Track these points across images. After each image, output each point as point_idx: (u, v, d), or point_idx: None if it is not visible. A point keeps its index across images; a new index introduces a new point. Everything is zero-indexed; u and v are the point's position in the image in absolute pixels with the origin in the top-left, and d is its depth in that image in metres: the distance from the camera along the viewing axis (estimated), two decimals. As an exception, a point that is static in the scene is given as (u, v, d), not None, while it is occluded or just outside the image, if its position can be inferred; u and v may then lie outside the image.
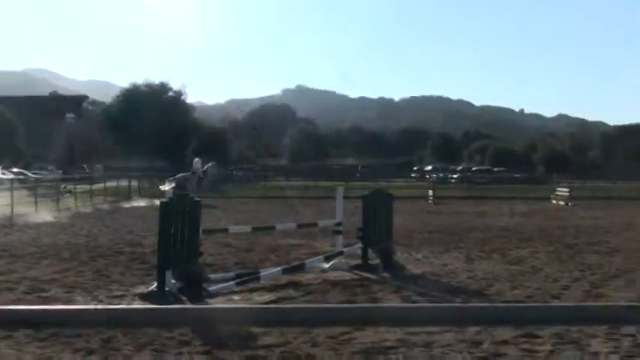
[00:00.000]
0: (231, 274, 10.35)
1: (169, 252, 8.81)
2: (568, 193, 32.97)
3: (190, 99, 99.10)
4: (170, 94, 78.54)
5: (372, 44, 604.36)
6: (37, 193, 26.13)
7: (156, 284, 8.93)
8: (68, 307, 8.03)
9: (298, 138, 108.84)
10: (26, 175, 44.95)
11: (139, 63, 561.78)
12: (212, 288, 9.25)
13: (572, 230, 18.71)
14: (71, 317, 7.33)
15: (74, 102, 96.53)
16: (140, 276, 10.53)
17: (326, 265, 11.25)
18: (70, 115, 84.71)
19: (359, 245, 11.71)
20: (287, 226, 14.75)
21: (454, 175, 69.54)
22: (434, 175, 63.03)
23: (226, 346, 6.45)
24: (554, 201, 33.70)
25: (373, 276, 10.70)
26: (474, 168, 76.98)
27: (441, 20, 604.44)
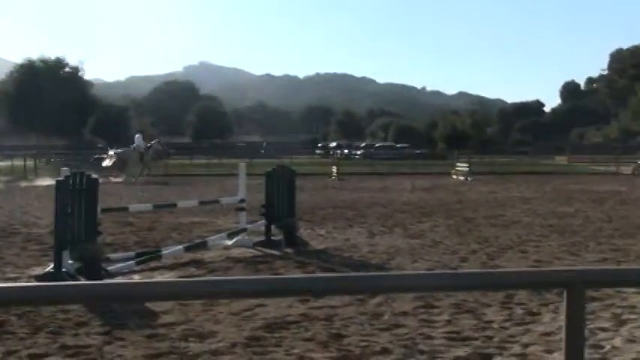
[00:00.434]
0: (131, 254, 10.17)
1: (66, 232, 8.53)
2: (467, 169, 33.83)
3: (89, 76, 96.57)
4: (67, 70, 76.12)
5: (277, 20, 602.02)
6: None
7: (52, 265, 8.65)
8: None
9: (202, 115, 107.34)
10: None
11: (34, 39, 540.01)
12: (112, 268, 9.05)
13: (470, 204, 19.26)
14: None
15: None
16: (36, 257, 10.18)
17: (229, 242, 11.19)
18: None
19: (262, 222, 11.69)
20: (189, 204, 14.56)
21: (358, 152, 70.39)
22: (338, 152, 63.48)
23: (126, 326, 6.33)
24: (454, 176, 34.54)
25: (276, 252, 10.74)
26: (378, 144, 78.01)
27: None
